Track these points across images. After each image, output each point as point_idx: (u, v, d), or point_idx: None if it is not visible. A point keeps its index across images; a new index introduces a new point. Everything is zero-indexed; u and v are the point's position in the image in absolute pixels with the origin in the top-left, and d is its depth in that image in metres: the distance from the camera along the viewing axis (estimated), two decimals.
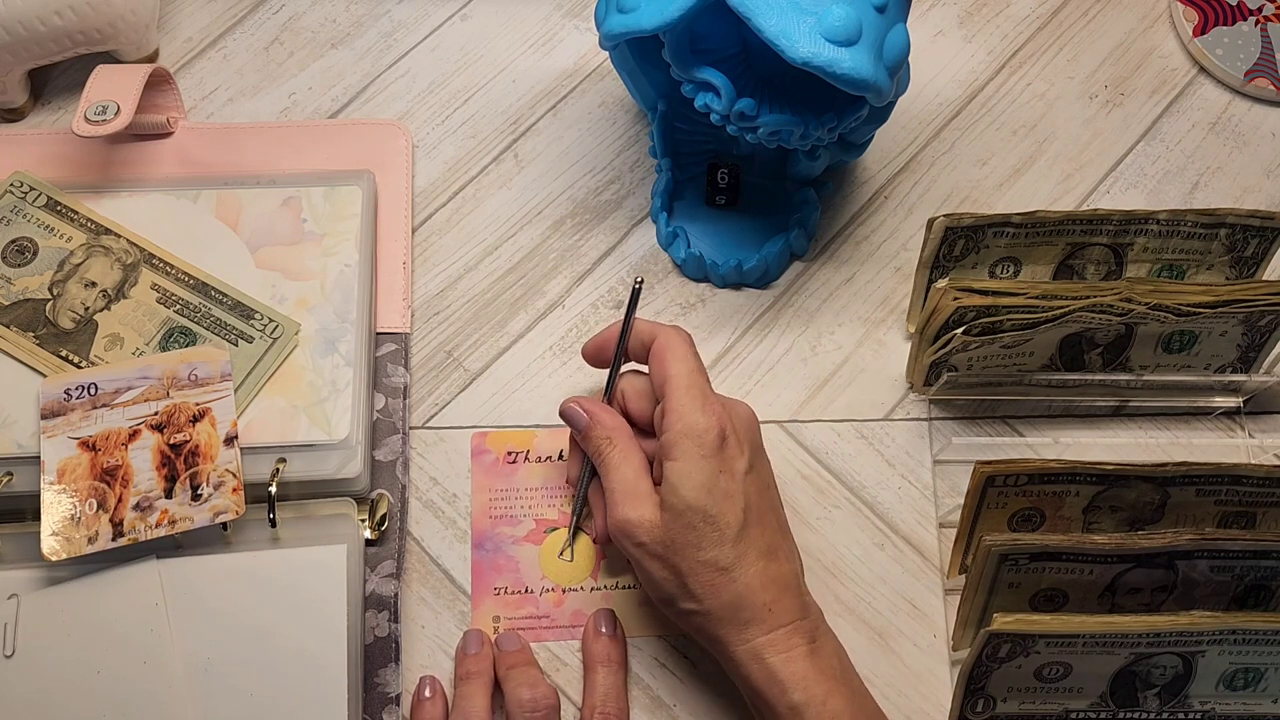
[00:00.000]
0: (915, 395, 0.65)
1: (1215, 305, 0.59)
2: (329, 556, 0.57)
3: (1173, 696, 0.56)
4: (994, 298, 0.59)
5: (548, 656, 0.60)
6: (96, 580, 0.56)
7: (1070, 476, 0.57)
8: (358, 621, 0.57)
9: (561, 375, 0.66)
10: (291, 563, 0.57)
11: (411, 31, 0.74)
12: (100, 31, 0.67)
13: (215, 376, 0.60)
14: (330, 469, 0.59)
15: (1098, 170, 0.71)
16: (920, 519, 0.63)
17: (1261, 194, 0.71)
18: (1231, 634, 0.53)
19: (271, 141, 0.69)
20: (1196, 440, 0.65)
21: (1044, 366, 0.63)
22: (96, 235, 0.64)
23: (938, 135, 0.72)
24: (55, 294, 0.63)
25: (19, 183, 0.65)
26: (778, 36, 0.54)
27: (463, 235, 0.69)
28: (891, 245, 0.69)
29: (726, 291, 0.68)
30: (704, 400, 0.54)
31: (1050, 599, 0.57)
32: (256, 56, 0.73)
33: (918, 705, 0.60)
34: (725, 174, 0.69)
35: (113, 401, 0.59)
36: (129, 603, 0.56)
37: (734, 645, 0.53)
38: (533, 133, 0.71)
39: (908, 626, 0.61)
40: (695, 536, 0.52)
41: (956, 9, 0.76)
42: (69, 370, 0.60)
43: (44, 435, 0.58)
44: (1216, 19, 0.75)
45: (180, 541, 0.58)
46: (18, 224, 0.64)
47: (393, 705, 0.58)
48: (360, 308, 0.63)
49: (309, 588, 0.57)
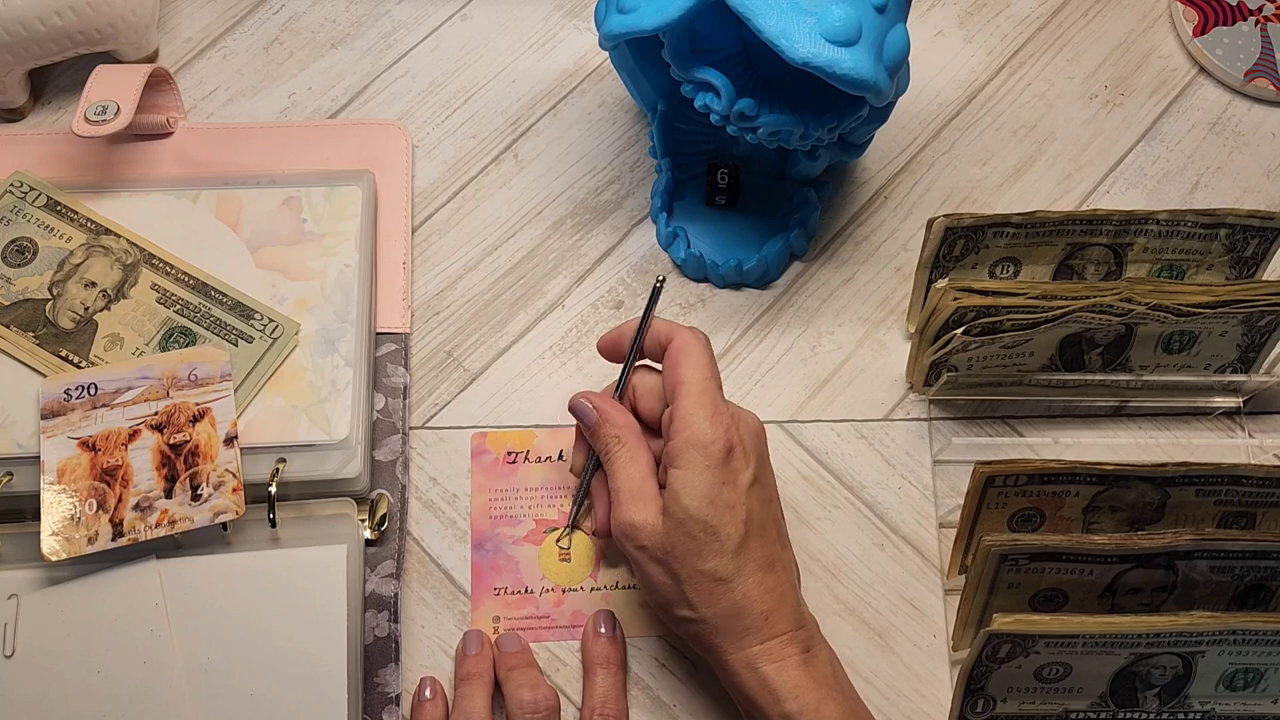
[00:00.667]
0: (915, 395, 0.65)
1: (1215, 305, 0.59)
2: (329, 556, 0.57)
3: (1173, 697, 0.56)
4: (994, 298, 0.59)
5: (547, 657, 0.60)
6: (96, 580, 0.56)
7: (1070, 477, 0.57)
8: (358, 621, 0.57)
9: (561, 375, 0.66)
10: (291, 563, 0.57)
11: (411, 31, 0.74)
12: (100, 31, 0.67)
13: (215, 376, 0.60)
14: (330, 469, 0.59)
15: (1098, 170, 0.71)
16: (920, 519, 0.63)
17: (1261, 194, 0.71)
18: (1231, 634, 0.53)
19: (271, 141, 0.69)
20: (1196, 440, 0.65)
21: (1044, 366, 0.63)
22: (96, 235, 0.64)
23: (938, 135, 0.72)
24: (55, 294, 0.63)
25: (19, 183, 0.65)
26: (778, 36, 0.54)
27: (463, 235, 0.69)
28: (891, 245, 0.69)
29: (726, 291, 0.68)
30: (714, 410, 0.53)
31: (1050, 599, 0.57)
32: (256, 56, 0.73)
33: (917, 705, 0.60)
34: (725, 174, 0.69)
35: (113, 401, 0.59)
36: (129, 603, 0.56)
37: (729, 654, 0.53)
38: (533, 133, 0.71)
39: (908, 626, 0.61)
40: (696, 546, 0.52)
41: (956, 9, 0.76)
42: (69, 370, 0.60)
43: (44, 435, 0.58)
44: (1216, 19, 0.75)
45: (180, 541, 0.58)
46: (18, 224, 0.64)
47: (393, 705, 0.58)
48: (360, 308, 0.63)
49: (309, 588, 0.57)
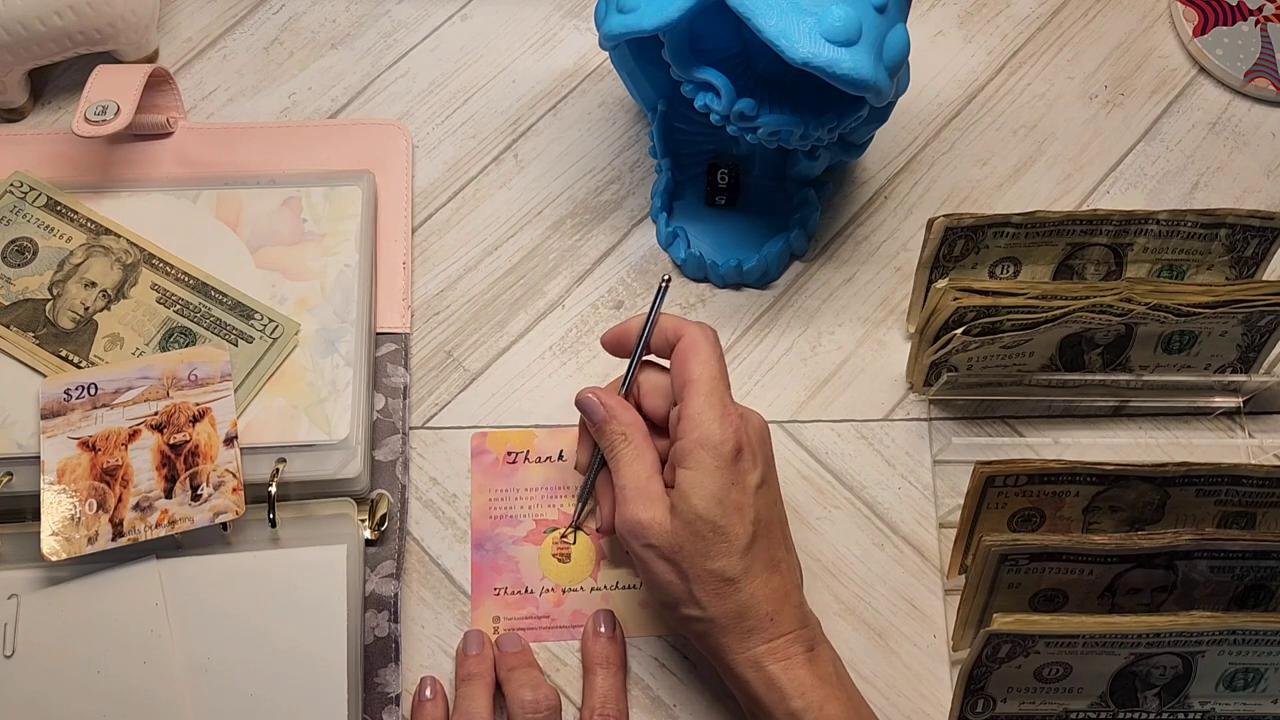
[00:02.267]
0: (915, 395, 0.65)
1: (1215, 305, 0.59)
2: (329, 556, 0.57)
3: (1173, 697, 0.56)
4: (994, 298, 0.59)
5: (548, 657, 0.60)
6: (96, 580, 0.56)
7: (1070, 477, 0.57)
8: (358, 621, 0.57)
9: (561, 375, 0.66)
10: (291, 563, 0.57)
11: (411, 31, 0.74)
12: (100, 31, 0.67)
13: (215, 376, 0.60)
14: (330, 469, 0.59)
15: (1098, 170, 0.71)
16: (920, 519, 0.63)
17: (1261, 194, 0.71)
18: (1231, 634, 0.53)
19: (271, 141, 0.69)
20: (1196, 440, 0.65)
21: (1044, 366, 0.63)
22: (96, 235, 0.64)
23: (938, 135, 0.72)
24: (55, 294, 0.63)
25: (19, 183, 0.65)
26: (778, 36, 0.53)
27: (463, 235, 0.69)
28: (891, 245, 0.69)
29: (726, 291, 0.68)
30: (723, 410, 0.53)
31: (1050, 599, 0.57)
32: (256, 56, 0.73)
33: (918, 705, 0.60)
34: (725, 174, 0.69)
35: (113, 401, 0.59)
36: (129, 603, 0.56)
37: (734, 653, 0.53)
38: (533, 133, 0.71)
39: (908, 626, 0.61)
40: (703, 546, 0.52)
41: (956, 9, 0.76)
42: (69, 370, 0.60)
43: (44, 435, 0.58)
44: (1216, 19, 0.75)
45: (180, 541, 0.58)
46: (18, 224, 0.64)
47: (392, 705, 0.58)
48: (360, 308, 0.63)
49: (309, 588, 0.57)
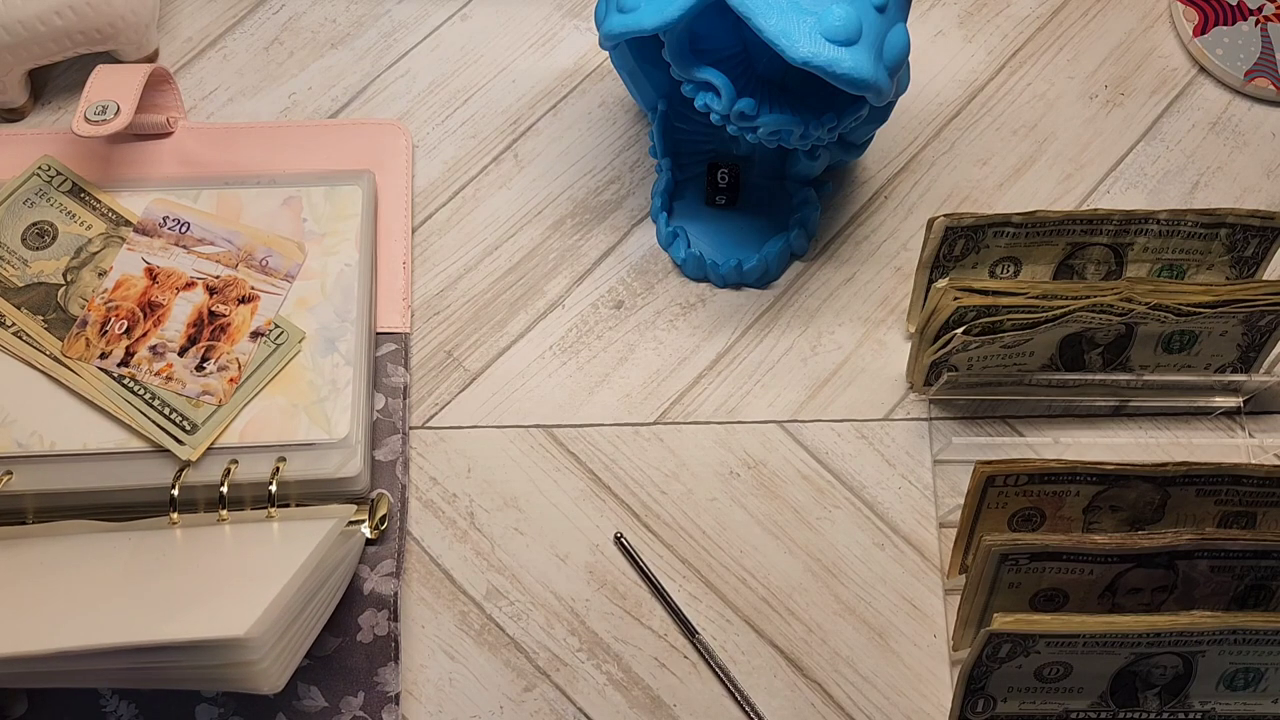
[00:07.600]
0: (915, 395, 0.65)
1: (1215, 305, 0.59)
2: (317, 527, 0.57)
3: (1173, 696, 0.56)
4: (994, 298, 0.59)
5: (548, 657, 0.60)
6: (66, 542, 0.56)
7: (1070, 476, 0.57)
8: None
9: (562, 375, 0.66)
10: (271, 530, 0.58)
11: (411, 31, 0.74)
12: (100, 31, 0.67)
13: (281, 272, 0.62)
14: (330, 468, 0.59)
15: (1098, 170, 0.71)
16: (920, 519, 0.63)
17: (1261, 194, 0.71)
18: (1232, 634, 0.53)
19: (271, 141, 0.69)
20: (1196, 440, 0.65)
21: (1044, 366, 0.63)
22: (116, 226, 0.64)
23: (938, 135, 0.72)
24: (69, 280, 0.63)
25: (46, 166, 0.65)
26: (778, 36, 0.54)
27: (463, 235, 0.69)
28: (891, 245, 0.69)
29: (726, 291, 0.68)
30: None
31: (1050, 599, 0.57)
32: (256, 56, 0.73)
33: (918, 705, 0.60)
34: (725, 174, 0.69)
35: (193, 247, 0.61)
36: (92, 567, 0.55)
37: None
38: (533, 133, 0.71)
39: (908, 626, 0.61)
40: None
41: (956, 9, 0.76)
42: (172, 206, 0.63)
43: (126, 246, 0.62)
44: (1216, 19, 0.75)
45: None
46: (41, 207, 0.64)
47: (392, 705, 0.58)
48: (360, 307, 0.63)
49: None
